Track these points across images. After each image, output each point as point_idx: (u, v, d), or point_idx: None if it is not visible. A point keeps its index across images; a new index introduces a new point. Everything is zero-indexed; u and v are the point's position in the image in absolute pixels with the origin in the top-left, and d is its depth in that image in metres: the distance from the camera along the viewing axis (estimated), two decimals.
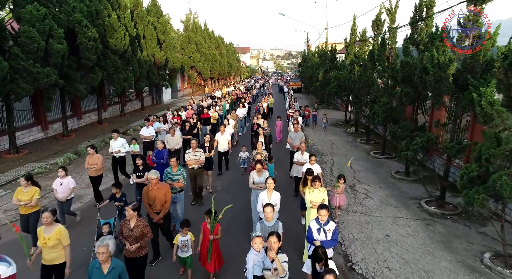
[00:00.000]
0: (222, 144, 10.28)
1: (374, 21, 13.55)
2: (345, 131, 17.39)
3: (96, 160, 8.07)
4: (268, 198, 5.58)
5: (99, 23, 16.22)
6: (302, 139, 9.85)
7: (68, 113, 16.87)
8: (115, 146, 9.26)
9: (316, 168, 7.22)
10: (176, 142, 10.07)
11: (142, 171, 7.35)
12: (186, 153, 8.10)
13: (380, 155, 12.63)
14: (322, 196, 5.85)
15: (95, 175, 8.15)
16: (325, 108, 26.50)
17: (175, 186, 6.58)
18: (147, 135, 11.07)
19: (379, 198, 8.73)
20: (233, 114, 13.83)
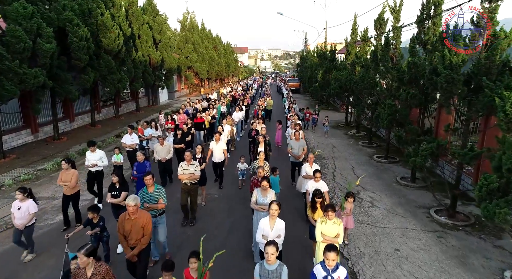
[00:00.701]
0: (217, 154, 9.15)
1: (377, 20, 13.07)
2: (346, 134, 16.91)
3: (70, 176, 6.88)
4: (270, 227, 4.74)
5: (92, 22, 15.65)
6: (304, 148, 9.15)
7: (60, 115, 16.29)
8: (91, 159, 8.06)
9: (322, 187, 6.32)
10: (166, 151, 9.18)
11: (118, 189, 6.23)
12: (179, 166, 7.02)
13: (383, 159, 12.15)
14: (336, 230, 4.77)
15: (69, 193, 6.98)
16: (325, 109, 26.03)
17: (154, 209, 5.55)
18: (129, 143, 10.04)
19: (385, 207, 8.24)
20: (229, 119, 12.81)
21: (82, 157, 12.83)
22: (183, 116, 14.05)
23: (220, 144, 9.15)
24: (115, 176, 6.24)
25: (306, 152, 9.13)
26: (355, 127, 17.10)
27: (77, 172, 7.08)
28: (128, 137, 10.15)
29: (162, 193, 5.66)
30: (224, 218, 7.69)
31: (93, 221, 5.48)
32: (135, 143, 10.13)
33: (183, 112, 14.62)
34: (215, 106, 17.27)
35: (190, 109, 16.92)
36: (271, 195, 5.60)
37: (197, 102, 18.85)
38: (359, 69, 16.48)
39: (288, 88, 27.31)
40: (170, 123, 13.37)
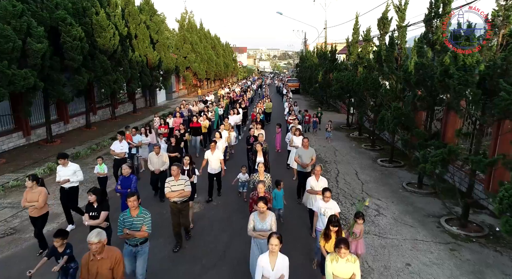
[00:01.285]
0: (213, 164, 8.34)
1: (380, 19, 12.67)
2: (348, 136, 16.50)
3: (37, 195, 5.91)
4: (271, 266, 3.93)
5: (86, 21, 15.19)
6: (313, 157, 8.11)
7: (54, 117, 15.81)
8: (63, 174, 6.89)
9: (333, 207, 5.48)
10: (162, 162, 8.28)
11: (97, 209, 5.39)
12: (166, 183, 6.07)
13: (388, 163, 11.73)
14: (351, 269, 3.92)
15: (36, 215, 5.98)
16: (325, 111, 25.63)
17: (136, 237, 4.72)
18: (118, 151, 9.12)
19: (392, 216, 7.82)
20: (226, 123, 11.96)
21: (76, 161, 12.42)
22: (179, 120, 13.22)
23: (216, 154, 8.37)
24: (91, 194, 5.39)
25: (314, 162, 8.21)
26: (357, 129, 16.69)
27: (45, 190, 6.05)
28: (118, 144, 9.25)
29: (147, 219, 4.79)
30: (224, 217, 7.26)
31: (58, 250, 4.56)
32: (124, 151, 9.21)
33: (179, 116, 13.79)
34: (212, 108, 16.45)
35: (185, 111, 16.12)
36: (270, 219, 4.82)
37: (194, 104, 18.08)
38: (361, 70, 16.09)
39: (288, 89, 26.69)
40: (164, 127, 12.54)
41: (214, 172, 8.44)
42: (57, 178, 7.00)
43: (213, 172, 8.44)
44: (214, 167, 8.39)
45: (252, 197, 5.76)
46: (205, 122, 13.16)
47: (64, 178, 6.88)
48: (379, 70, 11.66)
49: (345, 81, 15.47)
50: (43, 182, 6.23)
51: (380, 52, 11.28)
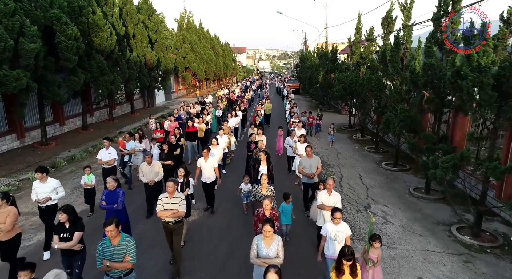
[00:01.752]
0: (206, 172, 7.60)
1: (385, 19, 12.32)
2: (350, 138, 16.14)
3: (5, 216, 5.00)
4: None
5: (83, 21, 14.81)
6: (318, 165, 7.47)
7: (49, 118, 15.45)
8: (41, 191, 6.01)
9: (345, 230, 4.86)
10: (155, 173, 7.39)
11: (69, 230, 4.68)
12: (158, 199, 5.33)
13: (392, 166, 11.38)
14: None
15: (4, 238, 5.06)
16: (326, 112, 25.28)
17: (118, 269, 4.13)
18: (106, 160, 8.36)
19: (400, 223, 7.46)
20: (225, 127, 11.17)
21: (71, 164, 12.08)
22: (175, 124, 12.34)
23: (210, 161, 7.64)
24: (62, 213, 4.66)
25: (320, 170, 7.67)
26: (360, 131, 16.33)
27: (15, 210, 5.18)
28: (105, 151, 8.41)
29: (131, 247, 4.13)
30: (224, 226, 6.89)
31: None
32: (113, 158, 8.38)
33: (173, 119, 12.80)
34: (209, 110, 15.72)
35: (184, 114, 15.35)
36: (277, 244, 4.22)
37: (191, 106, 17.33)
38: (364, 70, 15.74)
39: (289, 89, 26.19)
40: (159, 132, 11.71)
41: (208, 181, 7.67)
42: (33, 196, 6.05)
43: (206, 181, 7.68)
44: (208, 176, 7.64)
45: (257, 215, 5.18)
46: (202, 126, 12.30)
47: (43, 195, 5.98)
48: (383, 70, 11.30)
49: (347, 81, 15.12)
50: (14, 201, 5.45)
51: (384, 52, 10.93)
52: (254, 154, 8.34)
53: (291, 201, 6.33)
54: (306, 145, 7.90)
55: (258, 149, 8.40)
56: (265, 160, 7.88)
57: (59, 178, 10.76)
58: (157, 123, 12.48)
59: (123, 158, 9.36)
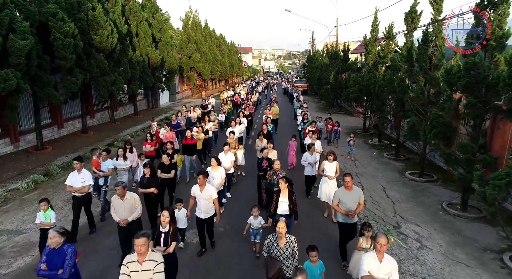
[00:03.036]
0: (202, 205, 5.81)
1: (409, 14, 11.24)
2: (366, 143, 15.04)
3: None
4: None
5: (82, 17, 13.93)
6: (360, 200, 5.62)
7: (46, 121, 14.60)
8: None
9: None
10: (130, 208, 5.46)
11: None
12: (122, 266, 3.71)
13: (418, 176, 10.28)
14: None
15: None
16: (337, 113, 24.19)
17: None
18: (77, 187, 6.38)
19: (439, 249, 6.39)
20: (231, 139, 9.31)
21: (66, 172, 11.14)
22: (171, 135, 10.69)
23: (207, 191, 5.74)
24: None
25: (362, 207, 5.87)
26: (377, 135, 15.22)
27: None
28: (76, 175, 6.43)
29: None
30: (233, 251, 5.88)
31: None
32: (87, 185, 6.47)
33: (170, 128, 10.96)
34: (210, 117, 13.63)
35: (182, 119, 13.70)
36: None
37: (191, 110, 15.74)
38: (381, 70, 14.65)
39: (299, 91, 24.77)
40: (150, 144, 9.73)
41: (205, 216, 5.84)
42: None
43: (202, 216, 5.85)
44: (204, 210, 5.83)
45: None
46: (200, 135, 10.52)
47: None
48: (408, 70, 10.20)
49: (364, 82, 14.03)
50: None
51: (410, 50, 9.84)
52: (268, 177, 6.97)
53: (317, 256, 4.41)
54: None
55: (273, 172, 6.95)
56: (286, 190, 5.83)
57: (51, 188, 10.03)
58: (148, 134, 10.21)
59: (97, 181, 7.51)
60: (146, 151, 9.66)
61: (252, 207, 6.11)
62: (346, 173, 5.77)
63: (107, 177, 7.62)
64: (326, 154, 7.62)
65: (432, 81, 9.40)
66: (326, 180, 7.46)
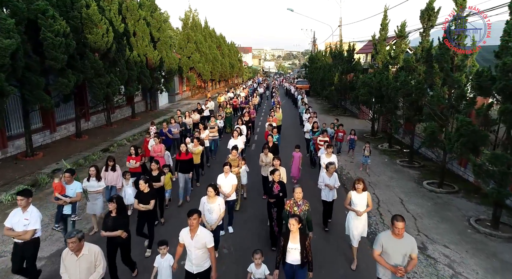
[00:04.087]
0: (193, 256, 4.37)
1: (425, 11, 10.45)
2: (376, 148, 14.21)
3: None
4: None
5: (75, 15, 13.10)
6: (413, 254, 4.14)
7: (38, 125, 13.78)
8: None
9: None
10: (87, 269, 4.00)
11: None
12: None
13: (437, 187, 9.48)
14: None
15: None
16: (342, 115, 23.40)
17: None
18: (18, 230, 4.82)
19: (476, 277, 5.59)
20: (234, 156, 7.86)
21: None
22: (160, 148, 8.96)
23: (201, 237, 4.32)
24: None
25: (416, 263, 4.41)
26: (387, 140, 14.42)
27: None
28: (19, 214, 4.88)
29: None
30: None
31: None
32: (31, 230, 4.82)
33: (159, 141, 9.07)
34: (210, 123, 12.11)
35: (176, 127, 11.87)
36: None
37: (187, 115, 14.15)
38: (392, 71, 13.86)
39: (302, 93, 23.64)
40: (135, 160, 8.14)
41: (197, 270, 4.41)
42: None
43: (194, 270, 4.41)
44: (196, 262, 4.38)
45: None
46: (198, 149, 9.00)
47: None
48: (427, 72, 9.40)
49: (374, 84, 13.24)
50: None
51: (430, 50, 9.04)
52: (287, 208, 5.37)
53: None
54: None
55: (294, 201, 5.36)
56: (297, 233, 4.42)
57: (39, 200, 9.18)
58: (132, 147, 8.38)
59: (60, 209, 6.05)
60: (131, 168, 8.13)
61: (253, 252, 4.58)
62: (398, 215, 4.16)
63: (74, 204, 6.12)
64: (354, 182, 5.87)
65: (454, 83, 8.60)
66: (354, 215, 5.75)
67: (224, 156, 10.91)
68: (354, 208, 5.70)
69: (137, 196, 6.03)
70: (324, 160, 8.01)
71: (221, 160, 10.97)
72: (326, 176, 6.89)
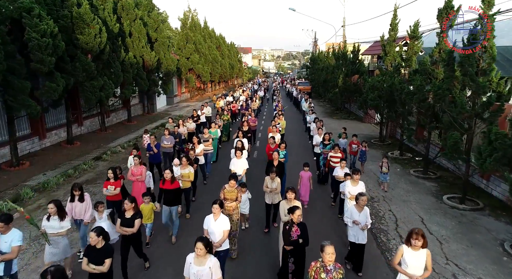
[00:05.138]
0: None
1: (444, 9, 9.61)
2: (385, 155, 13.33)
3: None
4: None
5: (65, 14, 12.25)
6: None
7: (25, 131, 12.93)
8: None
9: None
10: None
11: None
12: None
13: (459, 203, 8.62)
14: None
15: None
16: (345, 119, 22.57)
17: None
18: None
19: None
20: (232, 188, 6.12)
21: (41, 195, 9.41)
22: (140, 170, 7.14)
23: None
24: None
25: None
26: (398, 148, 13.56)
27: None
28: None
29: None
30: None
31: None
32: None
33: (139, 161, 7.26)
34: (204, 135, 10.56)
35: (170, 140, 10.08)
36: None
37: (181, 124, 12.31)
38: (403, 74, 13.03)
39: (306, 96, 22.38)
40: (113, 185, 6.56)
41: None
42: None
43: None
44: None
45: None
46: (190, 173, 7.31)
47: None
48: (448, 76, 8.55)
49: (385, 88, 12.39)
50: None
51: (452, 52, 8.20)
52: (313, 274, 3.89)
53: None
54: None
55: (322, 265, 3.87)
56: None
57: (20, 219, 8.17)
58: (110, 169, 6.76)
59: None
60: (108, 196, 6.61)
61: None
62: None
63: (9, 263, 4.53)
64: (409, 234, 4.24)
65: (480, 89, 7.76)
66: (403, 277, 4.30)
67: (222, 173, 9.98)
68: (407, 270, 4.22)
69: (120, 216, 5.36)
70: (349, 188, 6.63)
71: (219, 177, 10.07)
72: (355, 211, 5.51)
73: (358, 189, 6.39)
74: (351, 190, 6.57)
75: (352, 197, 6.30)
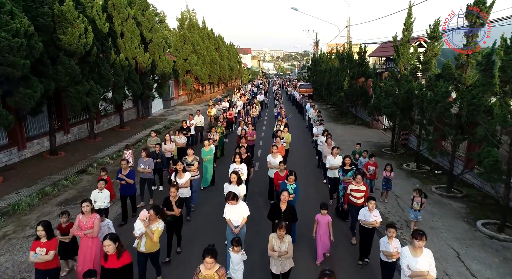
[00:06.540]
0: None
1: (475, 4, 8.36)
2: (400, 168, 12.06)
3: None
4: None
5: (45, 12, 10.99)
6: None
7: (2, 141, 11.65)
8: None
9: None
10: None
11: None
12: None
13: (497, 231, 7.36)
14: None
15: None
16: (351, 124, 21.33)
17: None
18: None
19: None
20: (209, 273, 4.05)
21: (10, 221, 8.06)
22: (90, 221, 5.07)
23: None
24: None
25: None
26: (414, 159, 12.29)
27: None
28: None
29: None
30: None
31: None
32: None
33: (90, 209, 5.13)
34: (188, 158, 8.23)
35: (148, 162, 8.27)
36: None
37: (167, 140, 10.14)
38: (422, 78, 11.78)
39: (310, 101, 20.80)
40: (42, 247, 4.49)
41: None
42: None
43: None
44: None
45: None
46: (156, 230, 5.10)
47: None
48: (485, 83, 7.29)
49: (401, 94, 11.14)
50: None
51: (491, 55, 6.96)
52: None
53: None
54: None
55: None
56: None
57: None
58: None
59: None
60: (37, 263, 4.58)
61: None
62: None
63: None
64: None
65: None
66: None
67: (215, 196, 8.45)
68: None
69: None
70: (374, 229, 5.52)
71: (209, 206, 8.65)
72: (411, 255, 4.42)
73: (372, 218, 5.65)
74: None
75: None
